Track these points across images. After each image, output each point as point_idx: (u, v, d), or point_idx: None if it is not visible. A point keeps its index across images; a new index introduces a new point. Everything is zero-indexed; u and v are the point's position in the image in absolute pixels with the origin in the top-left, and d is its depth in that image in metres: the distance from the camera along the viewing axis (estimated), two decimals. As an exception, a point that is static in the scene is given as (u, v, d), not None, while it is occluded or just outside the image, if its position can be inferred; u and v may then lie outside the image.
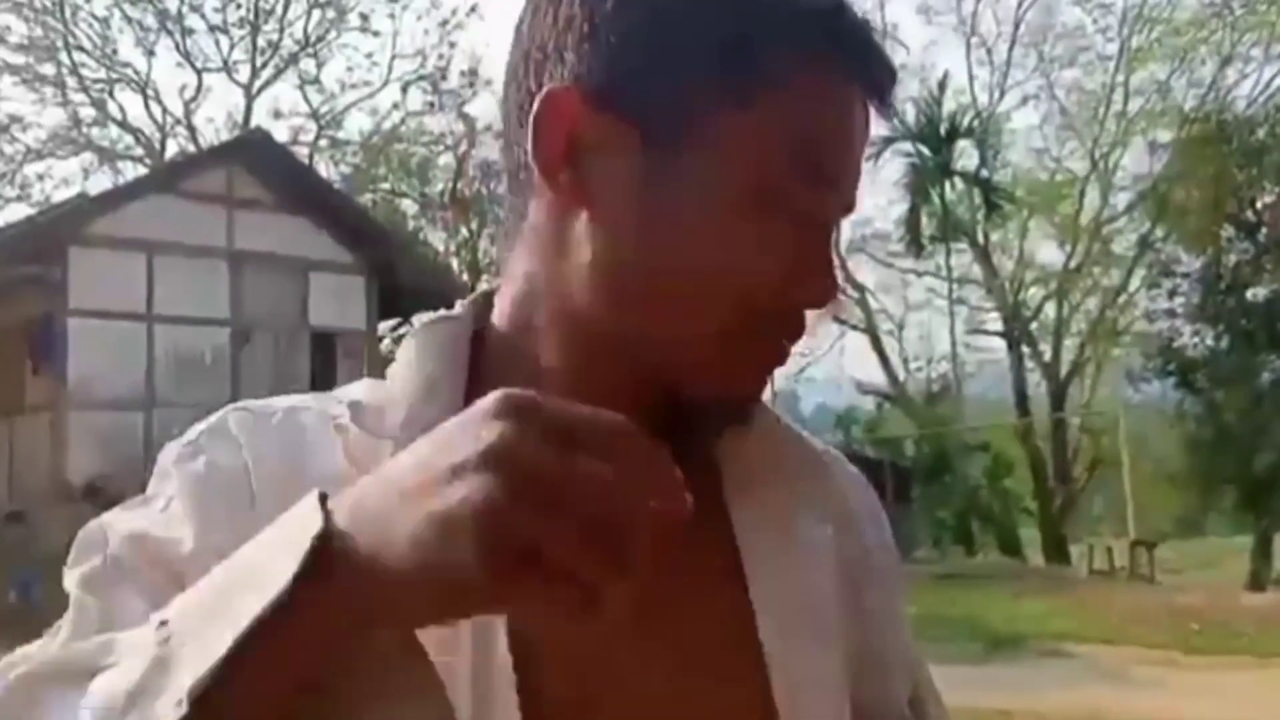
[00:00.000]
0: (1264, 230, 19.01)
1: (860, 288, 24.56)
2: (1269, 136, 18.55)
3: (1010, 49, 24.35)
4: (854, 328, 24.82)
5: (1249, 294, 19.39)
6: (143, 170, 20.48)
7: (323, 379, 14.91)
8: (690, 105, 0.60)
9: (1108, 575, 14.62)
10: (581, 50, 0.62)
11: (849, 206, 0.65)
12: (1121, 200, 23.24)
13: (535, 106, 0.62)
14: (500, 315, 0.69)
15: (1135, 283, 22.06)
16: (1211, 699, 7.28)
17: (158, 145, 22.74)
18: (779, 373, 0.74)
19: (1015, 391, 22.57)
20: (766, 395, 0.71)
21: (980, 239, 23.62)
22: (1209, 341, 19.91)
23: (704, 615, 0.67)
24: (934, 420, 23.22)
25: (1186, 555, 19.96)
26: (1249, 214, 19.33)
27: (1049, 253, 24.86)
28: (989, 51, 24.60)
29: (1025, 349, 23.09)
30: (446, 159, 23.90)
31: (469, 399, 0.54)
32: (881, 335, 25.13)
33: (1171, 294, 20.86)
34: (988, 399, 26.34)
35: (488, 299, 0.71)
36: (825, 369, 29.72)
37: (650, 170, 0.61)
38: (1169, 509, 22.44)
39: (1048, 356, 23.19)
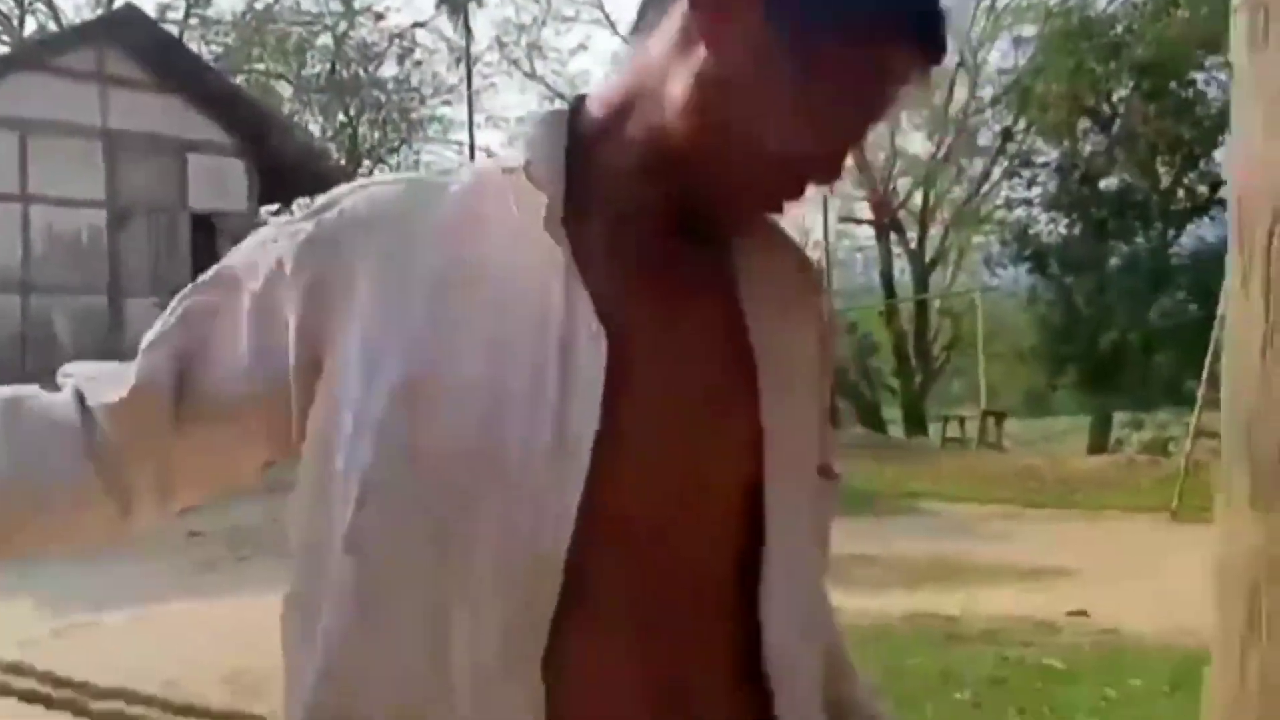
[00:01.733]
0: (1118, 123, 20.03)
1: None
2: (1127, 32, 19.40)
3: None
4: (732, 215, 25.23)
5: (1101, 184, 20.49)
6: (0, 48, 19.51)
7: (205, 262, 14.77)
8: (808, 22, 0.80)
9: (961, 444, 15.74)
10: None
11: (870, 122, 0.85)
12: (988, 93, 24.08)
13: None
14: (599, 101, 0.88)
15: (997, 173, 23.05)
16: (1045, 546, 8.12)
17: (16, 22, 21.59)
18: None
19: (883, 277, 23.53)
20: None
21: (854, 129, 24.11)
22: (1063, 229, 21.07)
23: (718, 363, 0.87)
24: (807, 305, 23.97)
25: (1033, 430, 21.33)
26: (1105, 108, 20.30)
27: (918, 144, 25.65)
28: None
29: (893, 236, 24.01)
30: (324, 40, 23.31)
31: (568, 168, 0.84)
32: (759, 223, 25.66)
33: (1030, 183, 21.91)
34: (857, 284, 27.35)
35: (581, 99, 0.91)
36: (704, 256, 29.93)
37: (761, 41, 0.81)
38: (1020, 387, 23.88)
39: (914, 243, 24.17)
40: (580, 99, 0.90)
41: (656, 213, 0.86)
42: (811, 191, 0.87)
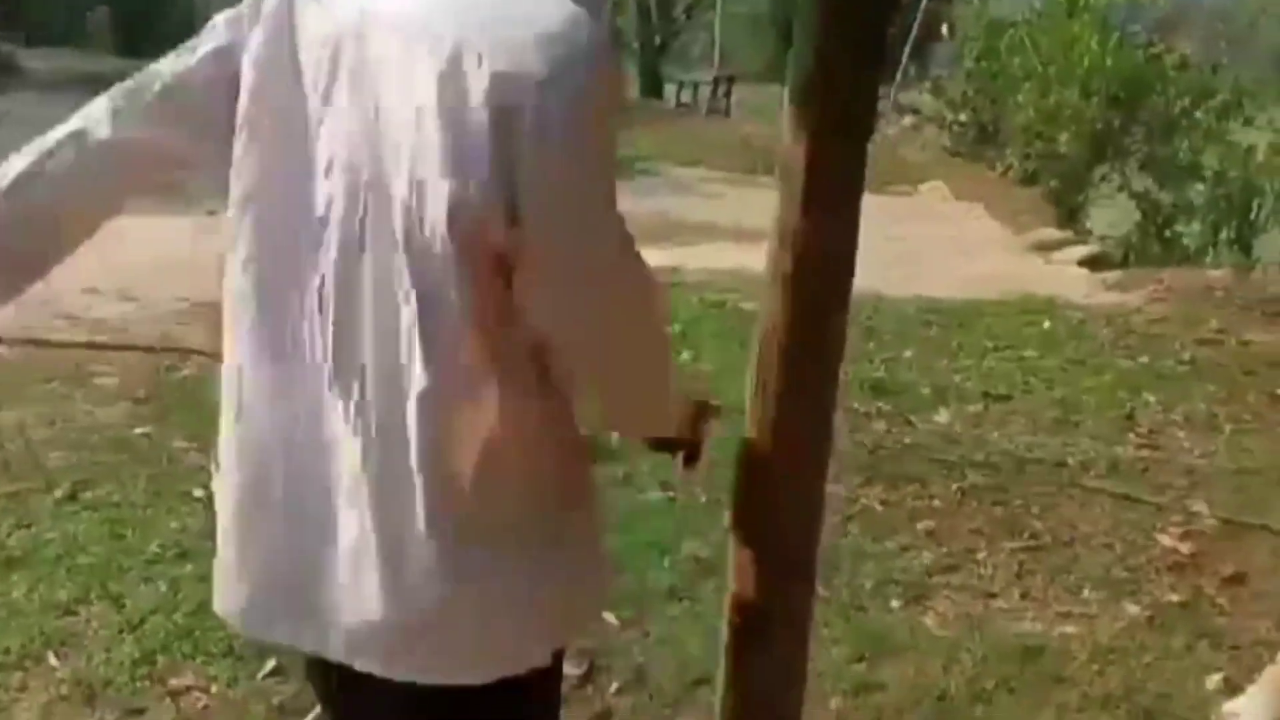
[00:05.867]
0: None
1: None
2: None
3: None
4: None
5: None
6: None
7: None
8: None
9: (691, 108, 16.57)
10: None
11: None
12: None
13: None
14: None
15: None
16: (753, 209, 9.13)
17: None
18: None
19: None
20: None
21: None
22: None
23: None
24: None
25: (763, 95, 22.38)
26: None
27: None
28: None
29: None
30: None
31: None
32: None
33: None
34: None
35: None
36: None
37: None
38: (755, 52, 24.73)
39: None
40: None
41: None
42: None
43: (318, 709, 2.35)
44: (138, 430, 3.96)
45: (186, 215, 7.47)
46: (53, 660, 2.57)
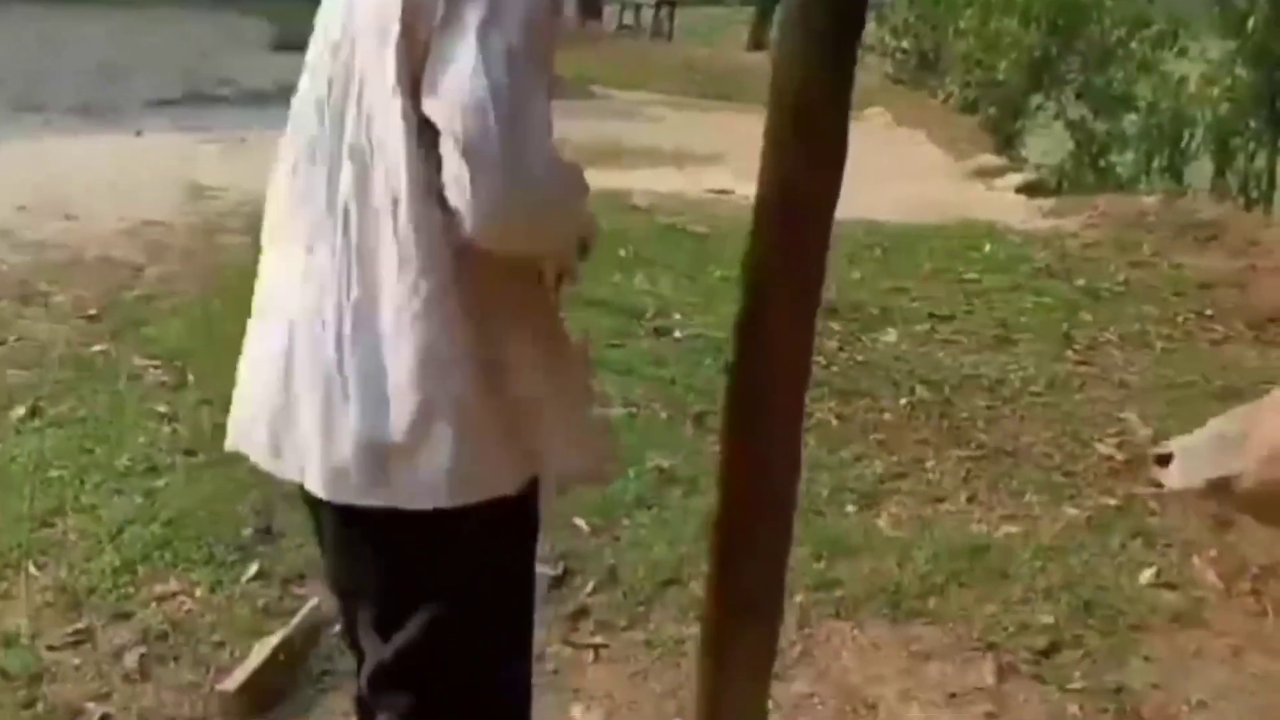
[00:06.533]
0: None
1: None
2: None
3: None
4: None
5: None
6: None
7: None
8: None
9: (633, 31, 16.42)
10: None
11: None
12: None
13: None
14: None
15: None
16: (695, 131, 9.14)
17: None
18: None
19: None
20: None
21: None
22: None
23: None
24: None
25: (706, 18, 22.20)
26: None
27: None
28: None
29: None
30: None
31: None
32: None
33: None
34: None
35: None
36: None
37: None
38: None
39: None
40: None
41: None
42: None
43: (304, 610, 2.44)
44: (94, 348, 3.95)
45: (115, 134, 7.34)
46: (33, 570, 2.61)
